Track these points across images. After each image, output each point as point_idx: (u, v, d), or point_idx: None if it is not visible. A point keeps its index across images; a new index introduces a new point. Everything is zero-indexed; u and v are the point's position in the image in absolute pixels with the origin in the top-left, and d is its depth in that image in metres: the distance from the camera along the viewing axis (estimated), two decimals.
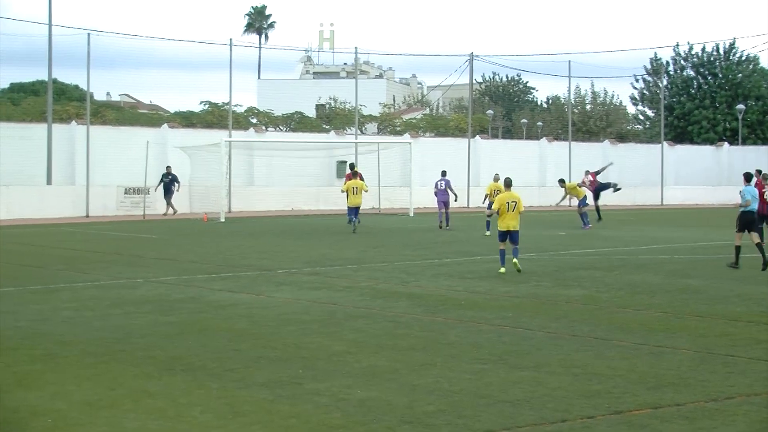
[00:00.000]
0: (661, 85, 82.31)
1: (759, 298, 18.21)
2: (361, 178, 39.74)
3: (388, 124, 76.74)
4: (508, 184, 23.79)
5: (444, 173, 41.38)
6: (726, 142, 78.83)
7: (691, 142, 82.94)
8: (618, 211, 56.06)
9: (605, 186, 44.04)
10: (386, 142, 59.31)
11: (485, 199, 36.37)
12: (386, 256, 26.51)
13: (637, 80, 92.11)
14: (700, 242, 31.06)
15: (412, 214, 49.01)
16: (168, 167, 48.65)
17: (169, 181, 48.10)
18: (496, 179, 37.73)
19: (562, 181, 43.57)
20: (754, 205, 24.41)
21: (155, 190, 48.27)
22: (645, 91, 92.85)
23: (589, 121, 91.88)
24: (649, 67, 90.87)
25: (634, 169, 70.48)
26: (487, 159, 64.36)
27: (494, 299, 17.96)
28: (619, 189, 44.85)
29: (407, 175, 54.08)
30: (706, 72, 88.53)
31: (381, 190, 54.83)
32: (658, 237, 34.33)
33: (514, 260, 22.65)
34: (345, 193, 38.26)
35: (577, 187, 42.02)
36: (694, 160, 74.06)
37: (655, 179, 69.85)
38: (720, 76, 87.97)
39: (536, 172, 67.34)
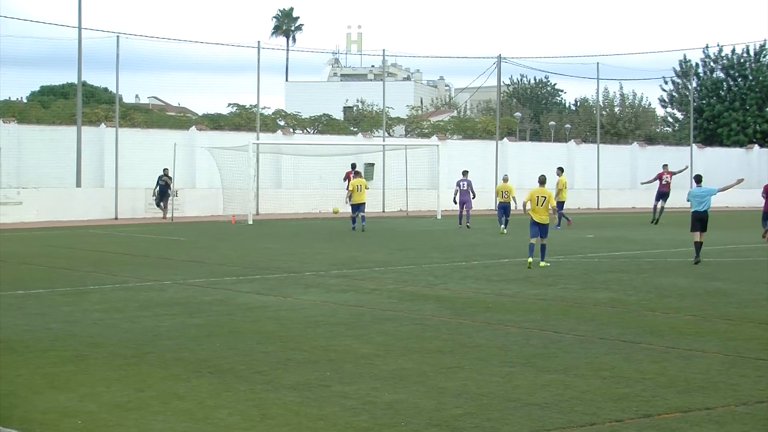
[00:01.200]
0: (690, 87, 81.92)
1: None
2: (362, 177, 41.07)
3: (416, 126, 76.74)
4: (542, 181, 25.70)
5: (465, 173, 42.33)
6: (756, 145, 78.38)
7: (721, 144, 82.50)
8: (646, 214, 55.76)
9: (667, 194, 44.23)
10: (414, 145, 59.34)
11: (497, 202, 38.25)
12: (413, 259, 26.51)
13: (666, 82, 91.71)
14: (730, 245, 30.89)
15: (439, 217, 48.98)
16: (165, 169, 47.72)
17: (164, 185, 47.37)
18: (505, 179, 39.89)
19: (560, 170, 43.76)
20: (703, 206, 25.65)
21: (153, 195, 47.52)
22: (674, 93, 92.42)
23: (617, 124, 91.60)
24: (678, 68, 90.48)
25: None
26: (514, 161, 64.21)
27: (522, 302, 17.94)
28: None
29: (435, 178, 54.12)
30: (736, 74, 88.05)
31: (408, 193, 54.84)
32: (687, 240, 34.05)
33: (541, 263, 24.26)
34: (349, 192, 39.52)
35: (564, 188, 42.08)
36: (724, 162, 73.62)
37: (684, 182, 69.32)
38: (750, 77, 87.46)
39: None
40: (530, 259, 24.34)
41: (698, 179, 26.70)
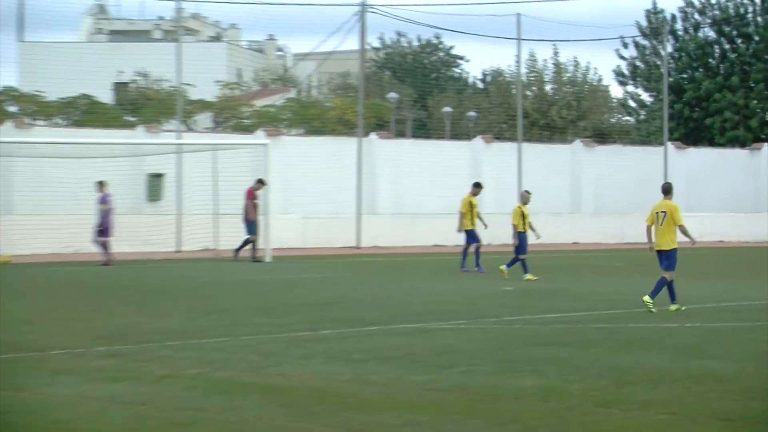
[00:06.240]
0: (663, 54, 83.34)
1: None
2: None
3: (232, 114, 76.68)
4: (666, 190, 30.54)
5: (102, 184, 47.55)
6: (766, 143, 79.77)
7: (711, 142, 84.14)
8: (598, 252, 56.47)
9: None
10: (229, 144, 59.25)
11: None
12: (228, 327, 26.40)
13: (625, 46, 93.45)
14: (726, 302, 31.40)
15: (269, 259, 48.89)
16: None
17: None
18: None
19: (477, 186, 44.57)
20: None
21: None
22: (638, 63, 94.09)
23: (550, 110, 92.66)
24: (644, 24, 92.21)
25: (623, 185, 71.26)
26: (388, 168, 64.69)
27: (400, 394, 17.99)
28: None
29: (262, 196, 54.12)
30: (733, 32, 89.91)
31: (220, 220, 54.60)
32: (661, 293, 34.72)
33: (671, 307, 28.95)
34: None
35: (468, 211, 42.93)
36: (716, 171, 75.04)
37: (654, 201, 70.58)
38: (756, 38, 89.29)
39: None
40: (646, 298, 29.00)
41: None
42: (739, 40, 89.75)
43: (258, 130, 67.57)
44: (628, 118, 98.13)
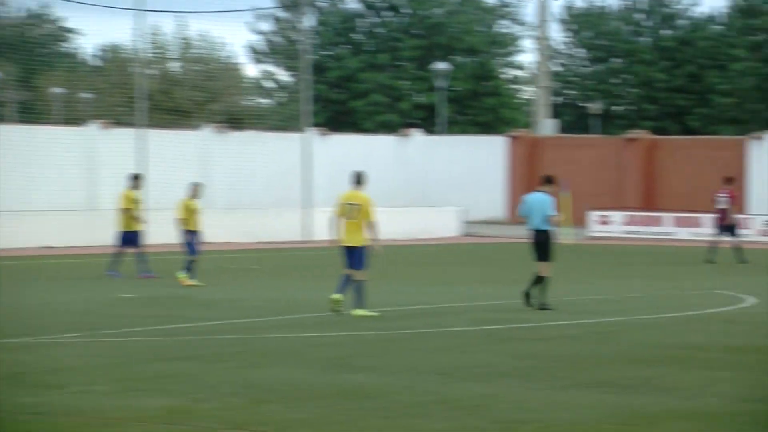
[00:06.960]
0: (302, 28, 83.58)
1: (470, 405, 18.53)
2: None
3: None
4: (356, 179, 30.21)
5: None
6: (416, 130, 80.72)
7: (357, 128, 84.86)
8: (231, 253, 56.40)
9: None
10: None
11: None
12: None
13: (261, 19, 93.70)
14: (371, 308, 31.38)
15: None
16: None
17: None
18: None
19: (135, 178, 44.10)
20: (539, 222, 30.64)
21: None
22: (274, 39, 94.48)
23: (175, 92, 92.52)
24: None
25: (259, 176, 71.27)
26: None
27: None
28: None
29: None
30: (382, 4, 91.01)
31: None
32: (300, 299, 34.77)
33: (354, 311, 29.61)
34: None
35: (129, 208, 42.38)
36: (363, 160, 75.30)
37: (293, 194, 70.71)
38: (406, 11, 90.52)
39: (83, 182, 66.74)
40: (335, 296, 29.66)
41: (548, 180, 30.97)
42: (386, 14, 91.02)
43: None
44: (265, 100, 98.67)
